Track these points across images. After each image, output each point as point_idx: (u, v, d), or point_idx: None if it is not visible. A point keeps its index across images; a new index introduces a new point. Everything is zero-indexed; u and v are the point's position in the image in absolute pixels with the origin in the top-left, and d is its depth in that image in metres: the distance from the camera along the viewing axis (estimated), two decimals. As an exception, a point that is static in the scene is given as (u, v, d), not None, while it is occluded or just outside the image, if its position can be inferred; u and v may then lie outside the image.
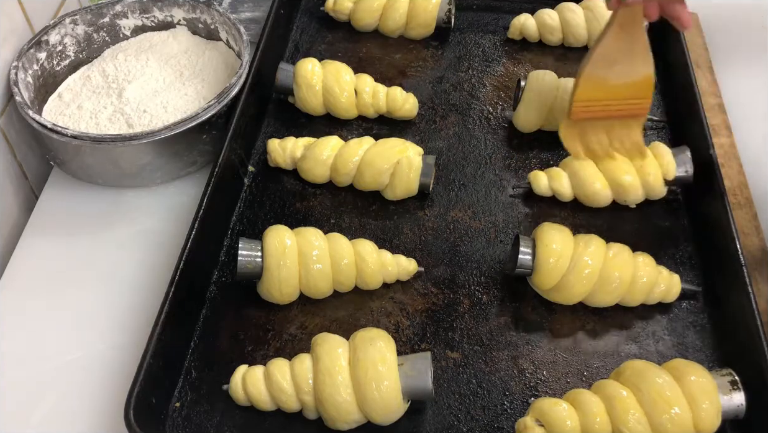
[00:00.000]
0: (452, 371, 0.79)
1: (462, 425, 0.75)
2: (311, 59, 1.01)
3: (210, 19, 1.07)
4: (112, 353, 0.81)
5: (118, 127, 0.96)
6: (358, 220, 0.92)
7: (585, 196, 0.91)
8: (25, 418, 0.77)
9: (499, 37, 1.16)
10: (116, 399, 0.75)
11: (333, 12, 1.16)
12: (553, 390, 0.77)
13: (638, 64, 0.86)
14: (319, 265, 0.81)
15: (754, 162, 1.01)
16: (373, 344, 0.72)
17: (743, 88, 1.11)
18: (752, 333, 0.76)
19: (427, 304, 0.84)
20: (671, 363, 0.74)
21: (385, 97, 1.01)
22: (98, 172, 0.94)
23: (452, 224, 0.92)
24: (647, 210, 0.93)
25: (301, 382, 0.72)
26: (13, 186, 0.96)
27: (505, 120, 1.03)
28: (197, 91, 1.01)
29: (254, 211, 0.93)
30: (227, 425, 0.74)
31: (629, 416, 0.69)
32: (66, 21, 1.02)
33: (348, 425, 0.73)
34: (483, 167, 0.98)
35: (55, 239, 0.92)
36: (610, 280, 0.81)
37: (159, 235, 0.92)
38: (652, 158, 0.90)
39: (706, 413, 0.69)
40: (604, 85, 0.86)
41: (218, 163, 0.88)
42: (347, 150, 0.92)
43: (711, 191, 0.89)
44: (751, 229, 0.93)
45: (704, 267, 0.88)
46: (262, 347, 0.80)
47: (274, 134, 1.01)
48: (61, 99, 1.01)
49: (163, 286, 0.77)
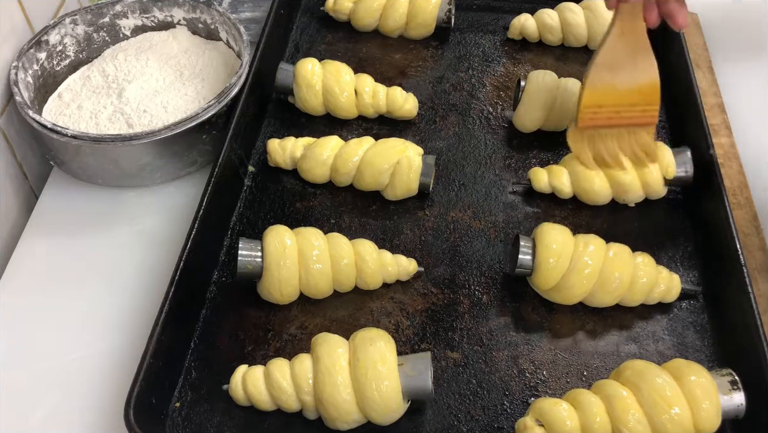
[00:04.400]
0: (452, 371, 0.79)
1: (462, 425, 0.75)
2: (311, 59, 1.01)
3: (210, 19, 1.07)
4: (112, 353, 0.81)
5: (118, 127, 0.96)
6: (358, 220, 0.92)
7: (585, 193, 0.91)
8: (25, 418, 0.77)
9: (499, 37, 1.16)
10: (116, 399, 0.75)
11: (333, 12, 1.16)
12: (553, 390, 0.77)
13: (642, 68, 0.85)
14: (319, 265, 0.81)
15: (754, 162, 1.01)
16: (373, 344, 0.72)
17: (743, 88, 1.11)
18: (752, 333, 0.76)
19: (427, 304, 0.84)
20: (671, 363, 0.74)
21: (385, 97, 1.01)
22: (98, 172, 0.94)
23: (452, 224, 0.92)
24: (647, 210, 0.93)
25: (301, 382, 0.72)
26: (13, 186, 0.96)
27: (505, 120, 1.03)
28: (197, 91, 1.01)
29: (254, 211, 0.93)
30: (227, 425, 0.74)
31: (629, 416, 0.69)
32: (66, 21, 1.02)
33: (348, 425, 0.73)
34: (483, 167, 0.98)
35: (55, 239, 0.92)
36: (610, 280, 0.81)
37: (159, 235, 0.92)
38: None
39: (706, 413, 0.69)
40: (610, 90, 0.86)
41: (218, 163, 0.88)
42: (347, 150, 0.92)
43: (711, 191, 0.89)
44: (751, 229, 0.93)
45: (704, 267, 0.88)
46: (262, 347, 0.80)
47: (274, 134, 1.01)
48: (61, 99, 1.01)
49: (163, 286, 0.77)
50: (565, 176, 0.92)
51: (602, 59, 0.84)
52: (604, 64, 0.85)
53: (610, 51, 0.84)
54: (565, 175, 0.92)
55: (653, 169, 0.90)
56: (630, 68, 0.85)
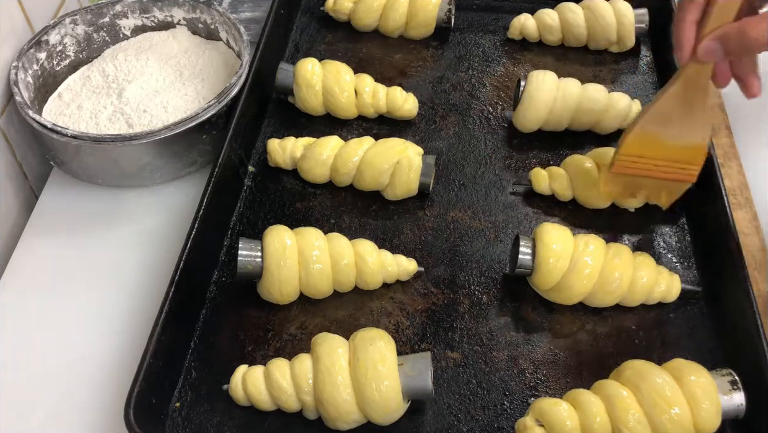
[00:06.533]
0: (452, 371, 0.79)
1: (462, 425, 0.75)
2: (311, 59, 1.01)
3: (210, 19, 1.07)
4: (112, 353, 0.81)
5: (118, 127, 0.96)
6: (358, 220, 0.92)
7: (585, 199, 0.91)
8: (25, 418, 0.77)
9: (499, 37, 1.16)
10: (116, 399, 0.75)
11: (333, 12, 1.16)
12: (553, 390, 0.77)
13: (695, 129, 0.80)
14: (319, 265, 0.81)
15: (754, 162, 1.01)
16: (373, 344, 0.72)
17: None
18: (752, 333, 0.76)
19: (427, 304, 0.84)
20: (671, 363, 0.73)
21: (385, 97, 1.01)
22: (98, 172, 0.94)
23: (452, 224, 0.92)
24: (647, 210, 0.92)
25: (301, 382, 0.72)
26: (13, 186, 0.96)
27: (505, 120, 1.03)
28: (197, 91, 1.01)
29: (254, 211, 0.93)
30: (227, 425, 0.74)
31: (629, 416, 0.69)
32: (66, 21, 1.02)
33: (348, 425, 0.73)
34: (483, 167, 0.98)
35: (55, 239, 0.92)
36: (610, 280, 0.81)
37: (159, 235, 0.92)
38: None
39: (706, 413, 0.69)
40: (654, 144, 0.81)
41: (218, 163, 0.88)
42: (347, 150, 0.92)
43: (711, 191, 0.89)
44: (751, 229, 0.93)
45: (704, 267, 0.87)
46: (262, 347, 0.80)
47: (274, 134, 1.01)
48: (61, 99, 1.01)
49: (163, 286, 0.77)
50: (565, 180, 0.92)
51: (657, 110, 0.79)
52: (657, 116, 0.80)
53: (668, 104, 0.79)
54: (565, 179, 0.92)
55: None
56: (682, 126, 0.80)
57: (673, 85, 0.78)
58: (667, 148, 0.81)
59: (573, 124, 1.00)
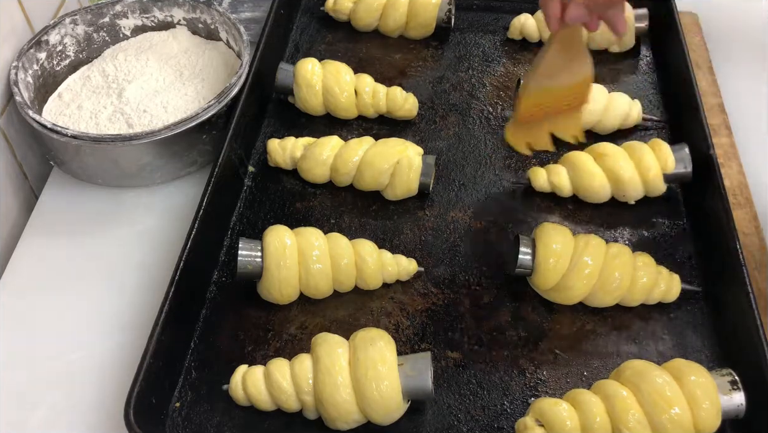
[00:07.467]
0: (452, 371, 0.79)
1: (462, 425, 0.75)
2: (311, 59, 1.01)
3: (210, 19, 1.07)
4: (112, 353, 0.81)
5: (118, 127, 0.96)
6: (358, 220, 0.92)
7: (584, 190, 0.91)
8: (25, 418, 0.77)
9: (499, 37, 1.16)
10: (116, 399, 0.75)
11: (333, 12, 1.16)
12: (553, 390, 0.77)
13: (580, 69, 0.86)
14: (319, 265, 0.81)
15: (754, 162, 1.01)
16: (373, 344, 0.72)
17: (743, 88, 1.11)
18: (752, 333, 0.76)
19: (427, 304, 0.84)
20: (671, 363, 0.73)
21: (385, 97, 1.01)
22: (98, 172, 0.94)
23: (452, 224, 0.92)
24: (647, 210, 0.93)
25: (301, 382, 0.72)
26: (13, 186, 0.96)
27: (505, 120, 1.03)
28: (197, 91, 1.01)
29: (254, 211, 0.93)
30: (227, 425, 0.74)
31: (629, 416, 0.69)
32: (66, 21, 1.02)
33: (348, 425, 0.73)
34: (483, 167, 0.98)
35: (55, 239, 0.92)
36: (610, 280, 0.81)
37: (159, 235, 0.92)
38: (651, 153, 0.91)
39: (706, 413, 0.69)
40: (547, 93, 0.87)
41: (218, 163, 0.88)
42: (347, 150, 0.92)
43: (711, 191, 0.89)
44: (751, 229, 0.93)
45: (704, 267, 0.87)
46: (262, 347, 0.80)
47: (274, 134, 1.01)
48: (61, 99, 1.01)
49: (163, 286, 0.77)
50: (564, 173, 0.92)
51: (543, 71, 0.85)
52: (543, 74, 0.85)
53: (551, 62, 0.84)
54: (564, 173, 0.92)
55: (653, 166, 0.90)
56: (567, 71, 0.86)
57: (551, 47, 0.83)
58: (559, 90, 0.87)
59: (573, 124, 1.00)
